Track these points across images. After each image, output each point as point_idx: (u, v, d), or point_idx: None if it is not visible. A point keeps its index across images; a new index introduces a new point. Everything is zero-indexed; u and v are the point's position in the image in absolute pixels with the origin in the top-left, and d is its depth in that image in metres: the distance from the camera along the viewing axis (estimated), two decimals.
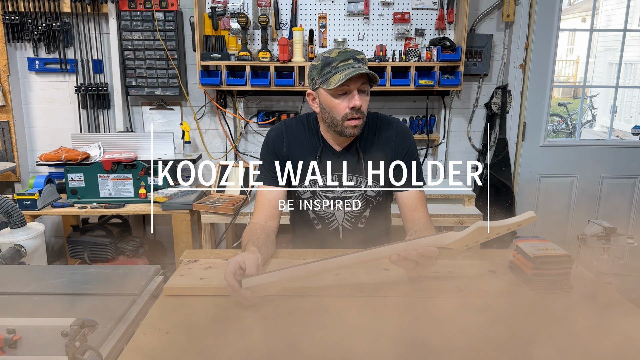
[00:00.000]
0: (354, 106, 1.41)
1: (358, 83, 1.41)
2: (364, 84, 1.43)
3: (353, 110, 1.42)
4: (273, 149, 1.59)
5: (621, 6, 6.10)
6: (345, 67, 1.39)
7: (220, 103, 3.00)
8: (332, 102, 1.44)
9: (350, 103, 1.42)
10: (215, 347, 0.94)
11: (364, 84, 1.43)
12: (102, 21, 2.93)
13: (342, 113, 1.44)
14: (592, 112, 7.78)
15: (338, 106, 1.44)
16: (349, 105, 1.42)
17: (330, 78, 1.40)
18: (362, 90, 1.44)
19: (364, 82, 1.42)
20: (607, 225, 1.34)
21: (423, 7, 2.81)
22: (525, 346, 0.94)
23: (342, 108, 1.43)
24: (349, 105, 1.42)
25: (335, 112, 1.45)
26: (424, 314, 1.07)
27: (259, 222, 1.51)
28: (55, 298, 1.14)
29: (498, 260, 1.38)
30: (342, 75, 1.37)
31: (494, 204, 3.06)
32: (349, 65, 1.39)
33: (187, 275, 1.24)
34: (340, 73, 1.38)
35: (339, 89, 1.41)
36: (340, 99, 1.43)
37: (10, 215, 1.81)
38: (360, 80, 1.41)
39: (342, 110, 1.44)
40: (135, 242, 2.82)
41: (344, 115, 1.44)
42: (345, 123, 1.45)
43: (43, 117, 3.09)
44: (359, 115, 1.44)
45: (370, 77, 1.41)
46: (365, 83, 1.43)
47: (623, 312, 1.08)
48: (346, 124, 1.45)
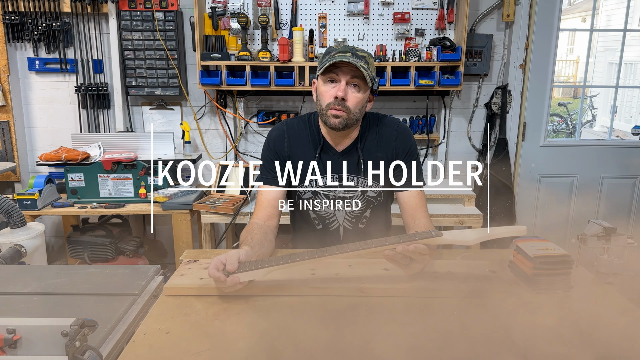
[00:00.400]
0: (337, 96, 1.42)
1: (348, 75, 1.41)
2: (356, 78, 1.42)
3: (336, 101, 1.43)
4: (274, 149, 1.59)
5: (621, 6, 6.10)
6: (341, 57, 1.40)
7: (220, 103, 3.00)
8: (321, 89, 1.47)
9: (336, 92, 1.42)
10: (215, 347, 0.94)
11: (355, 77, 1.42)
12: (102, 21, 2.93)
13: (327, 101, 1.45)
14: (592, 112, 7.78)
15: (325, 93, 1.45)
16: (334, 93, 1.43)
17: (325, 64, 1.42)
18: (354, 84, 1.44)
19: (355, 76, 1.42)
20: (607, 225, 1.34)
21: (423, 7, 2.81)
22: (525, 346, 0.94)
23: (327, 96, 1.45)
24: (334, 94, 1.43)
25: (322, 99, 1.46)
26: (423, 313, 1.07)
27: (257, 221, 1.51)
28: (55, 298, 1.14)
29: (498, 260, 1.39)
30: (333, 60, 1.39)
31: (494, 204, 3.06)
32: (344, 56, 1.40)
33: (187, 275, 1.24)
34: (333, 59, 1.40)
35: (328, 76, 1.43)
36: (328, 87, 1.45)
37: (10, 215, 1.81)
38: (352, 73, 1.41)
39: (327, 98, 1.45)
40: (135, 242, 2.82)
41: (328, 103, 1.44)
42: (328, 112, 1.45)
43: (43, 117, 3.09)
44: (340, 107, 1.43)
45: (365, 76, 1.40)
46: (358, 78, 1.42)
47: (623, 312, 1.08)
48: (329, 113, 1.45)
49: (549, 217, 3.22)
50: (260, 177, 1.61)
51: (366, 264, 1.32)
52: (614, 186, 3.22)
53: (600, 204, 3.25)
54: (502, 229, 1.15)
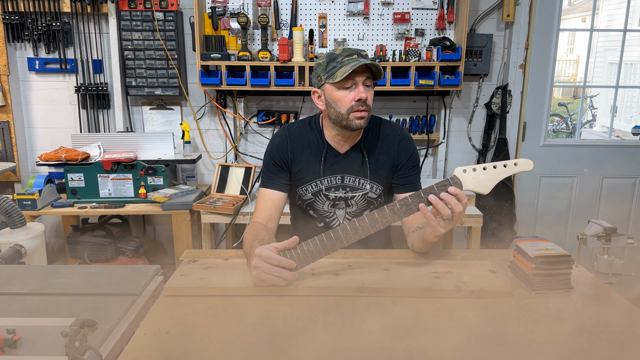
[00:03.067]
0: (360, 98, 1.43)
1: (363, 77, 1.43)
2: (368, 78, 1.45)
3: (359, 103, 1.44)
4: (278, 155, 1.60)
5: (621, 6, 6.10)
6: (350, 61, 1.41)
7: (220, 103, 3.00)
8: (337, 96, 1.46)
9: (357, 95, 1.43)
10: (215, 347, 0.94)
11: (368, 78, 1.45)
12: (102, 21, 2.93)
13: (347, 106, 1.45)
14: (592, 112, 7.77)
15: (344, 99, 1.45)
16: (355, 97, 1.44)
17: (336, 72, 1.42)
18: (367, 85, 1.46)
19: (368, 76, 1.45)
20: (607, 225, 1.34)
21: (423, 7, 2.81)
22: (525, 346, 0.94)
23: (347, 101, 1.45)
24: (355, 98, 1.44)
25: (341, 106, 1.46)
26: (423, 313, 1.07)
27: (261, 221, 1.52)
28: (55, 298, 1.14)
29: (498, 260, 1.39)
30: (348, 67, 1.39)
31: (494, 204, 3.06)
32: (354, 59, 1.41)
33: (187, 275, 1.24)
34: (346, 66, 1.40)
35: (345, 82, 1.43)
36: (345, 92, 1.45)
37: (10, 215, 1.81)
38: (365, 74, 1.44)
39: (347, 102, 1.45)
40: (135, 242, 2.82)
41: (350, 107, 1.45)
42: (350, 115, 1.46)
43: (43, 117, 3.09)
44: (364, 107, 1.45)
45: (374, 71, 1.44)
46: (370, 78, 1.46)
47: (623, 312, 1.08)
48: (351, 117, 1.46)
49: (549, 217, 3.22)
50: (262, 181, 1.62)
51: (366, 264, 1.33)
52: (614, 186, 3.22)
53: (600, 204, 3.25)
54: (510, 166, 1.21)
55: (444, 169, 3.10)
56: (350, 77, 1.42)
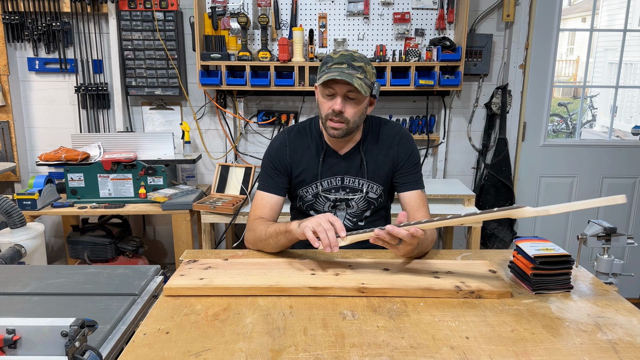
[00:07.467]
0: (333, 109, 1.43)
1: (344, 89, 1.41)
2: (352, 91, 1.41)
3: (333, 113, 1.44)
4: (276, 159, 1.60)
5: (621, 6, 6.09)
6: (335, 70, 1.39)
7: (220, 103, 3.00)
8: (321, 100, 1.49)
9: (332, 105, 1.44)
10: (215, 347, 0.94)
11: (351, 91, 1.41)
12: (102, 21, 2.93)
13: (325, 112, 1.47)
14: (592, 112, 7.77)
15: (323, 105, 1.48)
16: (331, 106, 1.44)
17: (322, 76, 1.42)
18: (351, 98, 1.43)
19: (351, 89, 1.40)
20: (607, 225, 1.34)
21: (423, 7, 2.81)
22: (525, 347, 0.94)
23: (326, 107, 1.47)
24: (331, 107, 1.44)
25: (321, 110, 1.50)
26: (423, 313, 1.08)
27: (264, 217, 1.53)
28: (55, 298, 1.14)
29: (498, 260, 1.39)
30: (329, 75, 1.38)
31: (494, 204, 3.06)
32: (339, 69, 1.38)
33: (187, 275, 1.24)
34: (328, 73, 1.39)
35: (326, 90, 1.44)
36: (326, 99, 1.46)
37: (10, 215, 1.81)
38: (347, 87, 1.40)
39: (325, 109, 1.47)
40: (135, 242, 2.82)
41: (327, 114, 1.47)
42: (327, 123, 1.48)
43: (43, 117, 3.09)
44: (338, 119, 1.44)
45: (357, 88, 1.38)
46: (355, 92, 1.41)
47: (623, 312, 1.09)
48: (328, 124, 1.48)
49: (549, 217, 3.22)
50: (260, 184, 1.62)
51: (366, 264, 1.33)
52: (614, 186, 3.22)
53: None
54: (598, 200, 1.04)
55: (444, 169, 3.10)
56: (330, 86, 1.41)
